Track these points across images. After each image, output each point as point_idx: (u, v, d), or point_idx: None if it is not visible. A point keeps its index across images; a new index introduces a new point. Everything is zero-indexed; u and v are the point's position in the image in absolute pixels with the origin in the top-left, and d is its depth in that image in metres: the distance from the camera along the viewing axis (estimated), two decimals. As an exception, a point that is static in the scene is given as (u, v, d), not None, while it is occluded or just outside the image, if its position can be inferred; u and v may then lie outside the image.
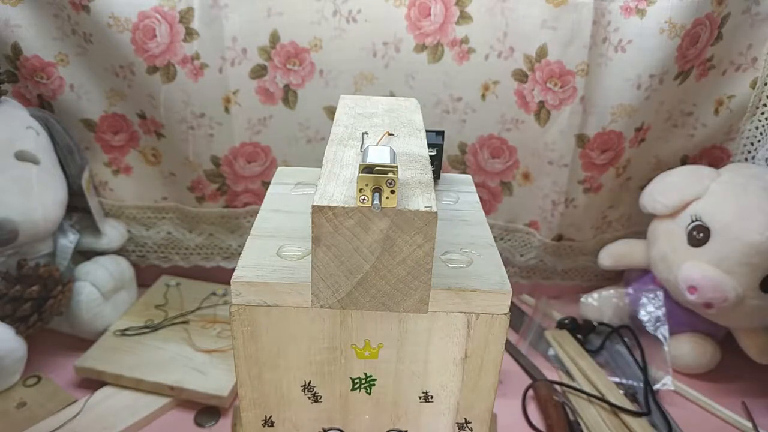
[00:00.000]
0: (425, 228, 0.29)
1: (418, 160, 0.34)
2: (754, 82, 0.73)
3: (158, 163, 0.81)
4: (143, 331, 0.76)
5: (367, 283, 0.30)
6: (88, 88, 0.75)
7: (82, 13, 0.68)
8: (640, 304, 0.79)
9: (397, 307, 0.31)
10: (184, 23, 0.69)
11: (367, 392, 0.37)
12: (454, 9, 0.71)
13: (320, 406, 0.38)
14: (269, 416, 0.38)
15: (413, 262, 0.30)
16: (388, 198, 0.28)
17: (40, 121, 0.72)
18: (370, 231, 0.29)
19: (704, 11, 0.66)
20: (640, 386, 0.71)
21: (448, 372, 0.36)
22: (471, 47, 0.73)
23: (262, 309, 0.34)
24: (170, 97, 0.73)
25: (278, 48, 0.73)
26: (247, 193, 0.82)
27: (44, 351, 0.74)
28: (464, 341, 0.35)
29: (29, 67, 0.72)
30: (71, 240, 0.76)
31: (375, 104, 0.43)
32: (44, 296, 0.68)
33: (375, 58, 0.74)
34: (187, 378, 0.68)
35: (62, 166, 0.74)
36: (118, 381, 0.69)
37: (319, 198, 0.29)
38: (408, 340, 0.35)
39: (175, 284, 0.86)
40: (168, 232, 0.85)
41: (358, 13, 0.71)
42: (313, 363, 0.36)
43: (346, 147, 0.35)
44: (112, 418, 0.64)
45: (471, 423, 0.38)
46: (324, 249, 0.30)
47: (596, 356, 0.77)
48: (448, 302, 0.34)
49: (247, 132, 0.78)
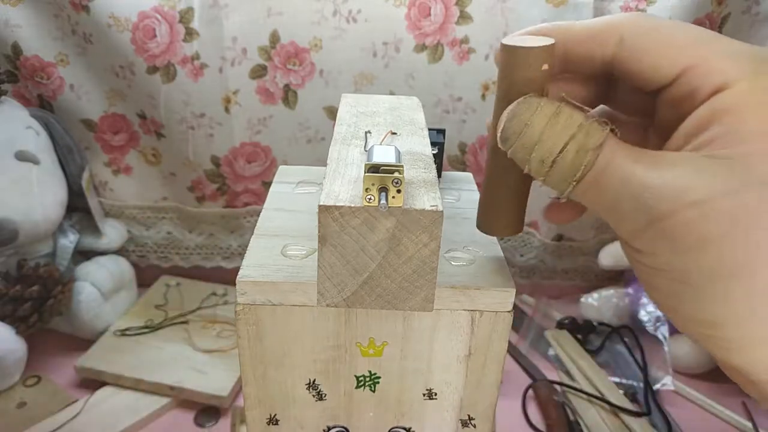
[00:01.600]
0: (431, 227, 0.29)
1: (422, 159, 0.34)
2: (753, 82, 0.73)
3: (158, 163, 0.81)
4: (143, 331, 0.76)
5: (373, 282, 0.30)
6: (88, 88, 0.75)
7: (82, 13, 0.68)
8: (640, 304, 0.79)
9: (403, 305, 0.31)
10: (184, 23, 0.69)
11: (371, 390, 0.37)
12: (454, 9, 0.71)
13: (325, 404, 0.38)
14: (274, 414, 0.38)
15: (419, 261, 0.30)
16: (394, 197, 0.28)
17: (40, 121, 0.72)
18: (376, 230, 0.29)
19: (704, 11, 0.67)
20: (640, 386, 0.71)
21: (451, 369, 0.36)
22: (471, 47, 0.73)
23: (267, 308, 0.34)
24: (170, 97, 0.73)
25: (278, 48, 0.73)
26: (247, 193, 0.82)
27: (44, 351, 0.74)
28: (468, 339, 0.35)
29: (29, 67, 0.72)
30: (71, 240, 0.75)
31: (377, 103, 0.43)
32: (44, 296, 0.68)
33: (375, 58, 0.74)
34: (187, 378, 0.68)
35: (62, 166, 0.74)
36: (118, 381, 0.69)
37: (325, 197, 0.29)
38: (412, 337, 0.35)
39: (175, 284, 0.86)
40: (168, 232, 0.85)
41: (358, 13, 0.72)
42: (317, 361, 0.36)
43: (349, 146, 0.35)
44: (112, 418, 0.64)
45: (474, 420, 0.38)
46: (330, 248, 0.30)
47: (596, 356, 0.77)
48: (452, 300, 0.34)
49: (247, 132, 0.78)
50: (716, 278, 0.23)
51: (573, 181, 0.26)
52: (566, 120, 0.26)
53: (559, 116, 0.27)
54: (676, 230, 0.23)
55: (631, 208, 0.25)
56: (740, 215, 0.22)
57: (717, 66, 0.25)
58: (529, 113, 0.27)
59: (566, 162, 0.26)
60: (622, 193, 0.25)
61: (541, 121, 0.27)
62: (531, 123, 0.27)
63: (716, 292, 0.23)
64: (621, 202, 0.25)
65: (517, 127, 0.27)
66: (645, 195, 0.24)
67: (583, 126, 0.26)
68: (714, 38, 0.26)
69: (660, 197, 0.24)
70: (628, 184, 0.25)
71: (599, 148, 0.26)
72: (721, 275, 0.23)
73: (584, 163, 0.26)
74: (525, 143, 0.27)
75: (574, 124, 0.26)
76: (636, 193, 0.25)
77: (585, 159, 0.26)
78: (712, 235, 0.23)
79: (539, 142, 0.27)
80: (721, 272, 0.23)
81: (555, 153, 0.26)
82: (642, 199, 0.24)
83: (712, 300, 0.23)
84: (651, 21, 0.27)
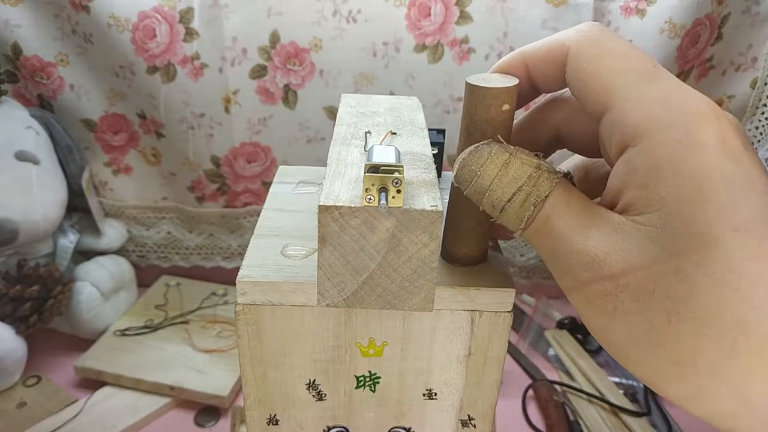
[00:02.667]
0: (431, 227, 0.29)
1: (422, 159, 0.34)
2: (754, 82, 0.73)
3: (158, 163, 0.81)
4: (143, 331, 0.76)
5: (372, 282, 0.30)
6: (88, 88, 0.75)
7: (82, 13, 0.68)
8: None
9: (403, 305, 0.31)
10: (184, 23, 0.69)
11: (371, 390, 0.37)
12: (454, 9, 0.71)
13: (324, 404, 0.38)
14: (274, 414, 0.38)
15: (419, 261, 0.30)
16: (394, 197, 0.28)
17: (40, 121, 0.72)
18: (376, 230, 0.29)
19: (704, 11, 0.67)
20: (640, 386, 0.71)
21: (451, 369, 0.36)
22: (471, 47, 0.73)
23: (267, 308, 0.34)
24: (170, 97, 0.73)
25: (278, 48, 0.73)
26: (247, 193, 0.82)
27: (44, 351, 0.74)
28: (468, 339, 0.35)
29: (29, 67, 0.72)
30: (71, 240, 0.75)
31: (377, 103, 0.42)
32: (44, 296, 0.68)
33: (375, 58, 0.74)
34: (187, 378, 0.68)
35: (62, 166, 0.74)
36: (118, 381, 0.69)
37: (325, 198, 0.29)
38: (412, 338, 0.35)
39: (175, 284, 0.86)
40: (168, 232, 0.85)
41: (358, 13, 0.72)
42: (317, 361, 0.36)
43: (349, 146, 0.35)
44: (112, 418, 0.64)
45: (474, 420, 0.38)
46: (330, 248, 0.30)
47: (596, 356, 0.77)
48: (452, 300, 0.34)
49: (247, 132, 0.78)
50: (638, 344, 0.23)
51: (520, 228, 0.27)
52: (516, 171, 0.27)
53: (509, 167, 0.27)
54: (595, 299, 0.24)
55: (563, 264, 0.25)
56: (655, 289, 0.22)
57: (630, 117, 0.24)
58: (479, 163, 0.28)
59: (513, 210, 0.27)
60: (557, 249, 0.26)
61: (491, 171, 0.27)
62: (481, 174, 0.28)
63: (642, 356, 0.23)
64: (557, 256, 0.26)
65: (468, 176, 0.28)
66: (570, 258, 0.25)
67: (532, 177, 0.27)
68: (643, 80, 0.24)
69: (581, 263, 0.24)
70: (561, 242, 0.25)
71: (543, 201, 0.26)
72: (643, 343, 0.23)
73: (527, 215, 0.27)
74: (477, 190, 0.28)
75: (524, 175, 0.27)
76: (565, 251, 0.25)
77: (528, 211, 0.26)
78: (627, 307, 0.23)
79: (488, 191, 0.27)
80: (642, 340, 0.23)
81: (504, 201, 0.27)
82: (568, 260, 0.25)
83: (640, 363, 0.24)
84: (595, 45, 0.26)
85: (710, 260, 0.21)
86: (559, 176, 0.27)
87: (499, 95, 0.28)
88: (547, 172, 0.27)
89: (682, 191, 0.22)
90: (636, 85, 0.24)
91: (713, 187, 0.21)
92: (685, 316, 0.21)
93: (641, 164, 0.23)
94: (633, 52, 0.25)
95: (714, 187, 0.21)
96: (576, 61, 0.26)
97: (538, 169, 0.27)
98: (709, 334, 0.21)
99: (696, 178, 0.22)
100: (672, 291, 0.22)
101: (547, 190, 0.26)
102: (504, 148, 0.28)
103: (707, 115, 0.23)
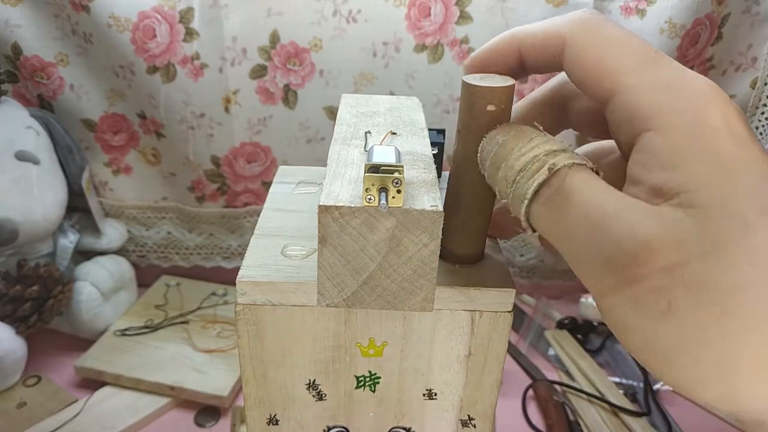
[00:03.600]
0: (431, 227, 0.29)
1: (422, 159, 0.34)
2: (754, 82, 0.73)
3: (158, 163, 0.81)
4: (143, 331, 0.76)
5: (373, 282, 0.30)
6: (88, 88, 0.75)
7: (82, 13, 0.68)
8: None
9: (403, 305, 0.31)
10: (184, 23, 0.69)
11: (371, 390, 0.37)
12: (454, 9, 0.71)
13: (325, 404, 0.38)
14: (274, 414, 0.38)
15: (419, 261, 0.30)
16: (394, 197, 0.28)
17: (40, 121, 0.72)
18: (376, 230, 0.29)
19: (704, 11, 0.67)
20: (640, 386, 0.71)
21: (451, 369, 0.36)
22: (471, 47, 0.73)
23: (267, 308, 0.34)
24: (170, 97, 0.73)
25: (278, 48, 0.73)
26: (247, 193, 0.82)
27: (44, 351, 0.74)
28: (468, 339, 0.35)
29: (29, 67, 0.72)
30: (71, 240, 0.75)
31: (377, 103, 0.42)
32: (44, 296, 0.68)
33: (375, 58, 0.74)
34: (187, 378, 0.68)
35: (62, 166, 0.74)
36: (118, 381, 0.69)
37: (325, 198, 0.29)
38: (412, 338, 0.35)
39: (175, 284, 0.86)
40: (168, 232, 0.85)
41: (358, 13, 0.72)
42: (317, 361, 0.36)
43: (349, 146, 0.35)
44: (112, 418, 0.64)
45: (474, 420, 0.38)
46: (330, 248, 0.30)
47: (596, 356, 0.77)
48: (452, 300, 0.34)
49: (247, 132, 0.78)
50: (686, 346, 0.21)
51: (527, 199, 0.25)
52: (538, 143, 0.26)
53: (532, 141, 0.26)
54: (647, 297, 0.21)
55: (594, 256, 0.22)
56: (707, 280, 0.20)
57: (638, 103, 0.23)
58: (505, 135, 0.27)
59: (524, 180, 0.25)
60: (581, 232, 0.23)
61: (512, 143, 0.27)
62: (503, 143, 0.27)
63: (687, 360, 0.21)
64: (583, 244, 0.23)
65: (490, 147, 0.28)
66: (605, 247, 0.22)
67: (553, 152, 0.25)
68: (647, 65, 0.24)
69: (628, 254, 0.21)
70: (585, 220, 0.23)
71: (559, 171, 0.24)
72: (691, 344, 0.21)
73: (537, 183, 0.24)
74: (494, 162, 0.27)
75: (544, 149, 0.25)
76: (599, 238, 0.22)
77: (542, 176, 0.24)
78: (682, 302, 0.20)
79: (505, 161, 0.26)
80: (691, 341, 0.21)
81: (516, 171, 0.26)
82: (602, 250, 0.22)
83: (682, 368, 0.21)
84: (593, 33, 0.25)
85: (752, 247, 0.20)
86: (584, 160, 0.25)
87: (485, 94, 0.28)
88: (571, 152, 0.25)
89: (710, 172, 0.21)
90: (640, 71, 0.24)
91: (734, 171, 0.21)
92: (736, 311, 0.20)
93: (662, 146, 0.22)
94: (633, 39, 0.25)
95: (735, 170, 0.21)
96: (575, 49, 0.26)
97: (563, 150, 0.25)
98: (755, 329, 0.20)
99: (719, 161, 0.21)
100: (722, 282, 0.20)
101: (565, 161, 0.24)
102: (535, 128, 0.27)
103: (715, 99, 0.22)
